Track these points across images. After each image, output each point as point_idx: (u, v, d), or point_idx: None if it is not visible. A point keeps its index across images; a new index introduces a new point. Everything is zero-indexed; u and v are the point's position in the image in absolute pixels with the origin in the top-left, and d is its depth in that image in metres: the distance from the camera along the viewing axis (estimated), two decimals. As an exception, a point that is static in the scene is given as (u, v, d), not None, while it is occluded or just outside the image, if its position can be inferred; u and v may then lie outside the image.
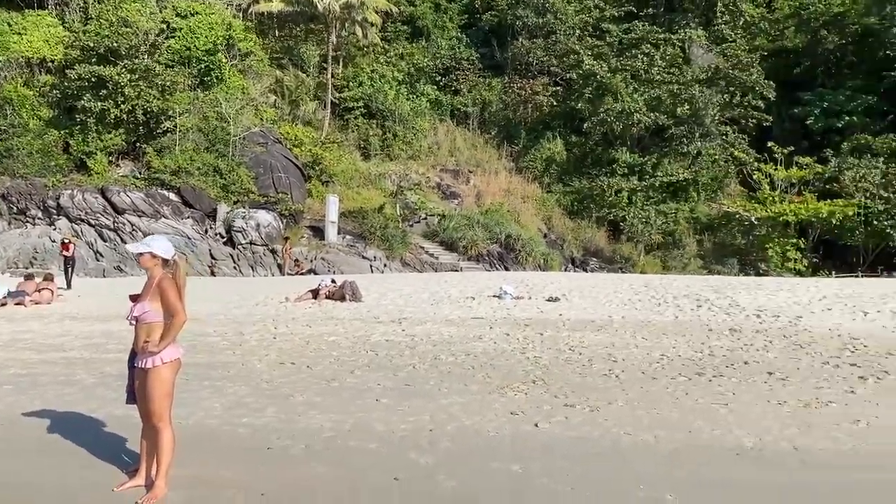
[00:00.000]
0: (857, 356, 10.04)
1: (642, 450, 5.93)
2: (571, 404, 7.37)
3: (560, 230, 35.05)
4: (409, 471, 5.35)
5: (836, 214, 30.23)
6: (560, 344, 11.19)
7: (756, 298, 16.08)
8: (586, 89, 36.09)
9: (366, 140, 37.34)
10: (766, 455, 5.76)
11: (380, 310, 15.23)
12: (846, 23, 36.89)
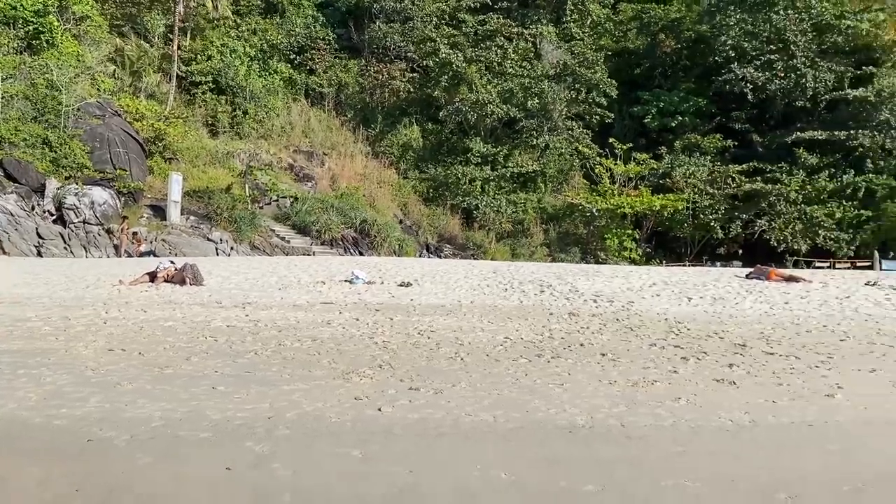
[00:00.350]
0: (680, 338, 10.81)
1: (482, 430, 6.04)
2: (416, 388, 7.40)
3: (416, 216, 35.30)
4: (242, 460, 5.13)
5: (668, 208, 32.54)
6: (409, 328, 11.22)
7: (594, 284, 16.96)
8: (443, 78, 36.49)
9: (214, 117, 35.72)
10: (596, 432, 6.04)
11: (223, 294, 14.62)
12: (682, 28, 39.66)
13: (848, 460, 5.37)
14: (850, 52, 34.96)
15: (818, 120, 34.23)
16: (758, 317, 13.41)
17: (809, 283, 19.40)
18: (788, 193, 31.99)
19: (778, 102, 34.92)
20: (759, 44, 35.02)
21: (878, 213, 31.56)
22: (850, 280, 20.74)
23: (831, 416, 6.61)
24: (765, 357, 9.49)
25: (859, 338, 11.12)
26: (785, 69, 33.97)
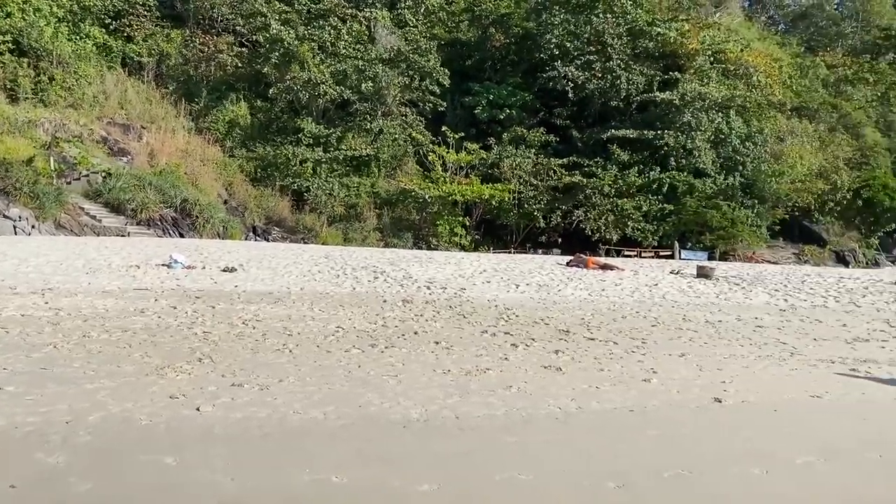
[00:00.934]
0: (510, 325, 11.06)
1: (310, 428, 5.72)
2: (240, 383, 6.90)
3: (242, 197, 33.70)
4: (31, 475, 4.44)
5: (496, 197, 33.55)
6: (233, 317, 10.58)
7: (427, 271, 17.04)
8: (273, 54, 35.04)
9: (14, 81, 31.91)
10: (431, 425, 5.92)
11: (18, 279, 13.04)
12: (511, 24, 40.89)
13: (666, 445, 5.64)
14: (659, 58, 37.76)
15: (630, 119, 36.72)
16: (579, 303, 14.08)
17: (622, 271, 20.75)
18: (603, 187, 34.09)
19: (595, 101, 37.02)
20: (581, 44, 36.90)
21: (679, 207, 34.49)
22: (657, 269, 22.46)
23: (649, 400, 6.96)
24: (587, 343, 9.92)
25: (668, 323, 11.97)
26: (602, 70, 36.07)
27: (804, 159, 36.55)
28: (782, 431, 6.11)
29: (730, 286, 17.97)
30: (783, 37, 56.99)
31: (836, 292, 17.45)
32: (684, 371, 8.37)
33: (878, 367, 9.04)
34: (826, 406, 7.11)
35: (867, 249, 38.63)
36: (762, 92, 38.12)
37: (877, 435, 6.12)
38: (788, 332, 11.67)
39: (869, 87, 47.26)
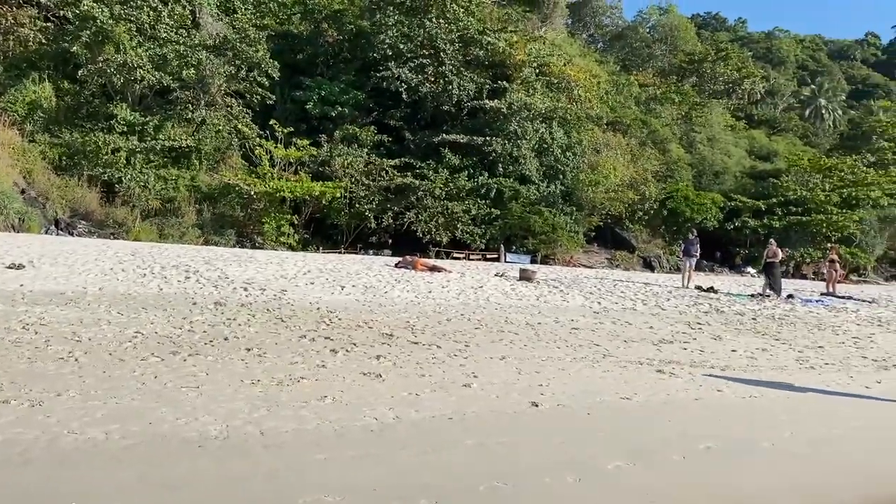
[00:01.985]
0: (332, 329, 10.58)
1: (88, 450, 4.95)
2: (6, 400, 5.91)
3: (43, 187, 30.32)
4: None
5: (327, 195, 32.78)
6: (12, 321, 9.25)
7: (246, 271, 16.11)
8: (84, 32, 31.90)
9: None
10: (231, 443, 5.35)
11: None
12: (344, 21, 40.24)
13: (484, 456, 5.46)
14: (489, 66, 38.75)
15: (461, 125, 37.39)
16: (405, 305, 13.86)
17: (450, 273, 20.89)
18: (434, 189, 34.40)
19: (428, 104, 37.32)
20: (414, 47, 37.04)
21: (505, 212, 35.59)
22: (483, 271, 22.87)
23: (469, 406, 6.79)
24: (410, 347, 9.67)
25: (491, 326, 12.04)
26: (435, 74, 36.43)
27: (617, 171, 39.03)
28: (595, 436, 6.16)
29: (549, 289, 18.61)
30: (601, 55, 60.87)
31: (643, 296, 18.60)
32: (504, 375, 8.34)
33: (680, 368, 9.55)
34: (635, 408, 7.32)
35: (670, 256, 41.99)
36: (582, 105, 40.30)
37: (680, 436, 6.33)
38: (602, 333, 12.15)
39: (675, 106, 51.60)
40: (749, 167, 52.02)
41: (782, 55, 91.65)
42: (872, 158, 56.50)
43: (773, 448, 6.21)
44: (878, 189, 50.30)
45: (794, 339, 13.09)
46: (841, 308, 19.13)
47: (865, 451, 6.45)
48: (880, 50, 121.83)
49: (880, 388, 9.32)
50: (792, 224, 45.27)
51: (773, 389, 8.66)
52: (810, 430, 6.91)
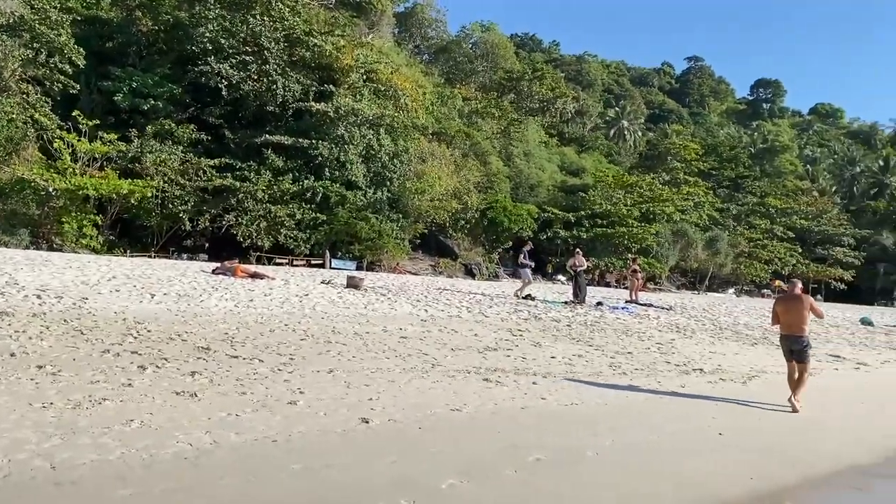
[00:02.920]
0: (139, 342, 9.64)
1: None
2: None
3: None
4: None
5: (136, 194, 30.43)
6: None
7: (40, 276, 14.42)
8: None
9: None
10: (13, 482, 4.56)
11: None
12: (160, 10, 37.70)
13: (313, 481, 5.10)
14: (315, 68, 38.05)
15: (286, 126, 36.37)
16: (223, 315, 13.04)
17: (273, 279, 20.09)
18: (256, 192, 33.12)
19: (251, 103, 35.93)
20: (237, 43, 35.51)
21: (331, 217, 35.07)
22: (308, 278, 22.25)
23: (295, 426, 6.37)
24: (229, 361, 9.03)
25: (318, 336, 11.60)
26: (259, 73, 35.15)
27: (442, 180, 39.88)
28: (428, 452, 6.00)
29: (377, 296, 18.42)
30: (427, 66, 62.11)
31: (468, 303, 18.95)
32: (333, 389, 7.99)
33: (506, 376, 9.71)
34: (465, 420, 7.27)
35: (490, 263, 43.54)
36: (409, 114, 40.75)
37: (510, 448, 6.34)
38: (429, 342, 12.13)
39: (495, 120, 53.72)
40: (561, 181, 55.34)
41: (591, 78, 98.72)
42: (667, 177, 62.40)
43: (596, 457, 6.39)
44: (671, 205, 55.57)
45: (606, 346, 13.86)
46: (644, 315, 20.66)
47: (681, 454, 6.84)
48: (674, 79, 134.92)
49: (686, 391, 10.06)
50: (598, 235, 48.67)
51: (593, 397, 9.03)
52: (629, 437, 7.22)
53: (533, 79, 67.90)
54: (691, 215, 57.50)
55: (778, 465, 6.80)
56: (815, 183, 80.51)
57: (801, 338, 9.66)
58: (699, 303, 30.49)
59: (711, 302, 33.34)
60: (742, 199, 68.56)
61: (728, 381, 11.37)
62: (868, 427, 9.00)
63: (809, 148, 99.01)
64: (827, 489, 6.49)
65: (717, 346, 15.94)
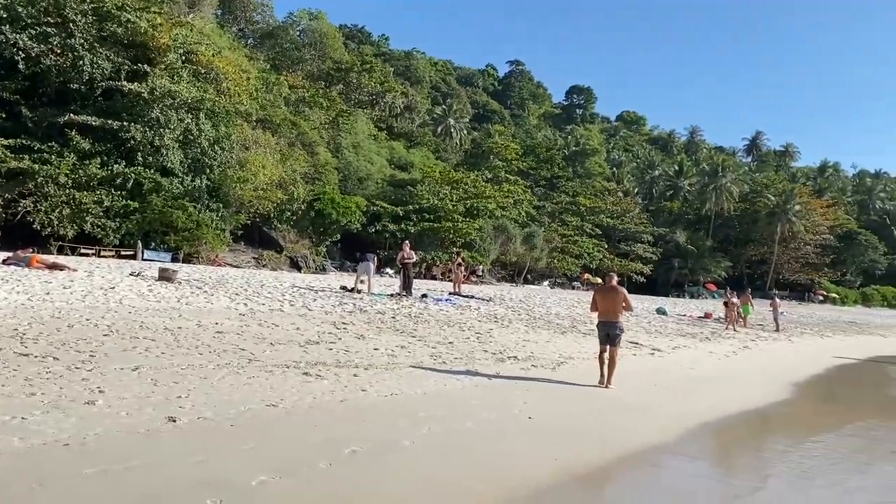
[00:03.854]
0: None
1: None
2: None
3: None
4: None
5: None
6: None
7: None
8: None
9: None
10: None
11: None
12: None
13: (107, 488, 4.72)
14: (128, 46, 35.37)
15: (94, 106, 33.56)
16: (13, 310, 11.82)
17: (74, 271, 18.56)
18: (58, 176, 30.32)
19: (53, 79, 32.79)
20: (36, 12, 32.22)
21: (144, 205, 32.88)
22: (116, 270, 20.76)
23: (92, 428, 5.88)
24: (17, 360, 8.19)
25: (123, 332, 10.83)
26: (62, 46, 32.12)
27: (266, 169, 38.65)
28: (240, 449, 5.78)
29: (192, 290, 17.54)
30: (252, 51, 59.90)
31: (291, 296, 18.57)
32: (138, 387, 7.47)
33: (326, 370, 9.61)
34: (282, 415, 7.09)
35: (317, 256, 42.92)
36: (231, 99, 39.10)
37: (326, 441, 6.28)
38: (247, 337, 11.73)
39: (323, 111, 52.96)
40: (389, 175, 55.73)
41: (419, 75, 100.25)
42: (490, 175, 64.87)
43: (412, 445, 6.49)
44: (493, 202, 57.83)
45: (429, 336, 14.16)
46: (465, 306, 21.35)
47: (494, 439, 7.12)
48: (497, 81, 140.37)
49: (501, 378, 10.51)
50: (425, 229, 49.60)
51: (412, 387, 9.17)
52: (446, 425, 7.41)
53: (362, 71, 67.73)
54: (511, 212, 60.16)
55: (582, 446, 7.28)
56: (620, 184, 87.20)
57: (616, 324, 10.77)
58: (517, 294, 32.01)
59: (528, 294, 35.14)
60: (556, 198, 72.78)
61: (539, 367, 12.04)
62: (662, 408, 9.89)
63: (616, 152, 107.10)
64: (625, 467, 7.02)
65: (532, 334, 16.82)
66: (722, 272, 79.06)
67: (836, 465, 7.86)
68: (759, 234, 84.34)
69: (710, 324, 28.32)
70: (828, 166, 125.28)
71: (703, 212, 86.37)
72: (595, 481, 6.39)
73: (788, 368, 16.80)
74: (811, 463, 7.84)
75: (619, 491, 6.54)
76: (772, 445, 9.00)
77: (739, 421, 9.94)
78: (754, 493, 6.57)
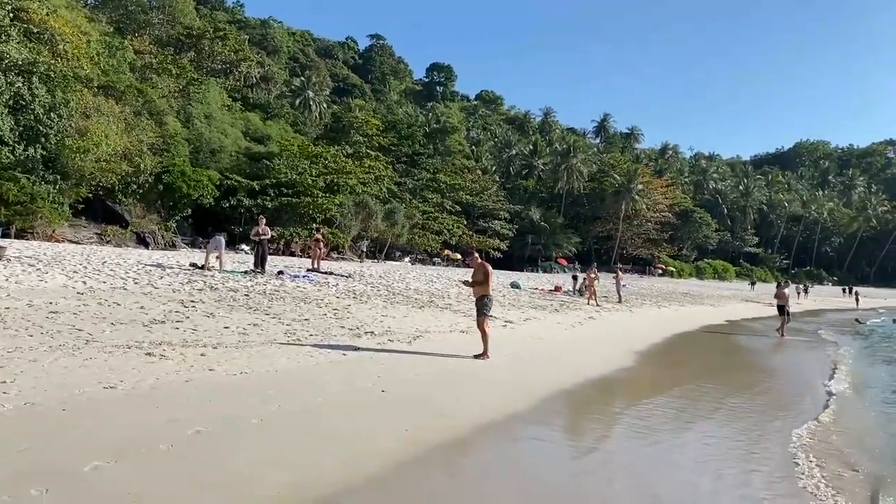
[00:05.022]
0: None
1: None
2: None
3: None
4: None
5: None
6: None
7: None
8: None
9: None
10: None
11: None
12: None
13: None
14: (-56, -3, 31.77)
15: None
16: None
17: None
18: None
19: None
20: None
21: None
22: (-70, 247, 18.77)
23: None
24: None
25: (-62, 315, 9.84)
26: None
27: (110, 139, 36.08)
28: (72, 435, 5.46)
29: (24, 267, 16.18)
30: (93, 12, 55.52)
31: (135, 274, 17.58)
32: (-47, 374, 6.86)
33: (172, 349, 9.23)
34: (121, 398, 6.76)
35: (166, 232, 40.77)
36: (69, 63, 36.11)
37: (169, 423, 6.06)
38: (85, 317, 11.01)
39: (172, 78, 50.04)
40: (245, 148, 53.74)
41: (276, 44, 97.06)
42: (351, 150, 64.22)
43: (261, 424, 6.40)
44: (354, 177, 57.37)
45: (284, 314, 13.91)
46: (324, 283, 21.14)
47: (346, 413, 7.15)
48: (357, 54, 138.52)
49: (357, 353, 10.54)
50: (283, 205, 48.42)
51: (264, 364, 9.00)
52: (297, 401, 7.35)
53: (215, 38, 64.60)
54: (372, 188, 59.91)
55: (432, 417, 7.48)
56: (479, 162, 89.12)
57: (484, 297, 11.43)
58: (377, 271, 32.07)
59: (388, 270, 35.29)
60: (417, 175, 73.28)
61: (396, 342, 12.18)
62: (513, 378, 10.31)
63: (475, 130, 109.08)
64: (477, 436, 7.26)
65: (390, 310, 16.94)
66: (572, 248, 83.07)
67: (664, 424, 8.56)
68: (606, 212, 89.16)
69: (560, 296, 29.74)
70: (668, 148, 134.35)
71: (555, 190, 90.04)
72: (445, 450, 6.58)
73: (631, 337, 18.01)
74: (642, 423, 8.50)
75: (467, 459, 6.78)
76: (611, 409, 9.64)
77: (584, 388, 10.57)
78: (590, 453, 7.05)
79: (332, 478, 5.28)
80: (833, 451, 7.56)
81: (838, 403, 10.58)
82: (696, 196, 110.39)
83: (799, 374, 14.65)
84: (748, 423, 8.96)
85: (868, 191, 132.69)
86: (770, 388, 12.52)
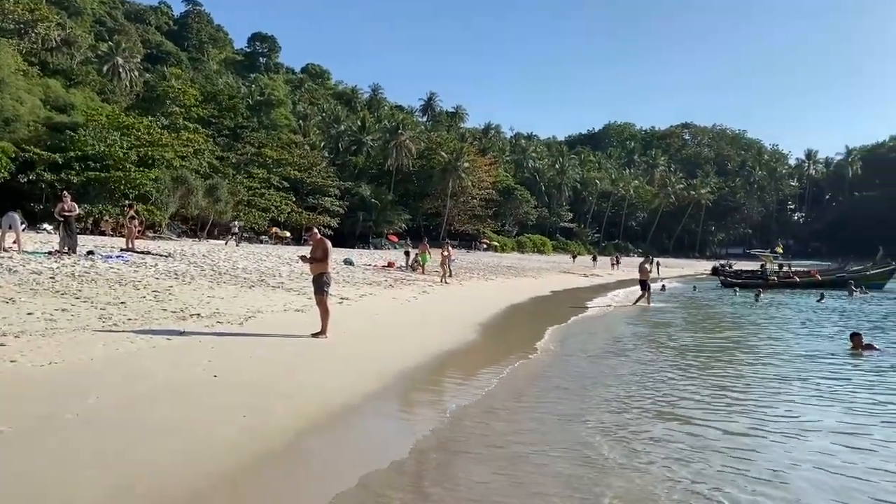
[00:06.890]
0: None
1: None
2: None
3: None
4: None
5: None
6: None
7: None
8: None
9: None
10: None
11: None
12: None
13: None
14: None
15: None
16: None
17: None
18: None
19: None
20: None
21: None
22: None
23: None
24: None
25: None
26: None
27: None
28: None
29: None
30: None
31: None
32: None
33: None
34: None
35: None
36: None
37: None
38: None
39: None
40: (45, 118, 48.69)
41: (79, 5, 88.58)
42: (166, 121, 60.14)
43: (77, 419, 5.71)
44: (171, 150, 53.82)
45: (97, 297, 12.68)
46: (141, 263, 19.61)
47: (176, 400, 6.58)
48: (172, 20, 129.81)
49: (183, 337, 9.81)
50: (91, 180, 44.54)
51: (77, 353, 8.10)
52: (118, 392, 6.67)
53: (2, -6, 57.66)
54: (191, 162, 56.53)
55: (269, 400, 7.09)
56: (307, 137, 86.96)
57: (322, 274, 11.24)
58: (200, 249, 30.35)
59: (212, 248, 33.55)
60: (241, 149, 70.14)
61: (226, 323, 11.52)
62: (353, 357, 10.08)
63: (302, 105, 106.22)
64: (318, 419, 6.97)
65: (216, 290, 16.03)
66: (403, 224, 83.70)
67: (494, 391, 8.79)
68: (434, 189, 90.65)
69: (394, 272, 29.82)
70: (491, 128, 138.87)
71: (385, 167, 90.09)
72: (283, 436, 6.23)
73: (470, 310, 18.40)
74: (476, 392, 8.65)
75: (310, 443, 6.46)
76: (451, 382, 9.70)
77: (426, 362, 10.57)
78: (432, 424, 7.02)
79: (164, 477, 4.79)
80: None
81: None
82: (516, 174, 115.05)
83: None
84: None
85: (668, 169, 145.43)
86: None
